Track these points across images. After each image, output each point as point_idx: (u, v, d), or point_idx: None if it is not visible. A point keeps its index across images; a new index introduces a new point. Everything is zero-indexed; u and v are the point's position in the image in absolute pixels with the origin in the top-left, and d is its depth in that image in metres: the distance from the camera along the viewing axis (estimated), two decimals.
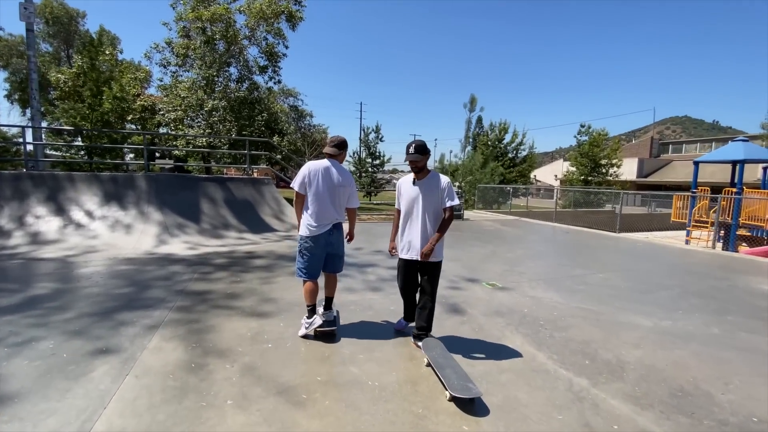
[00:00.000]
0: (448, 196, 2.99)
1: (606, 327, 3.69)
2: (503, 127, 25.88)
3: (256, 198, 8.83)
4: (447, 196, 2.99)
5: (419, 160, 2.98)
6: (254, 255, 6.25)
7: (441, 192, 3.00)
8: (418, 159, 2.98)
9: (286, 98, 33.12)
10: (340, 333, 3.36)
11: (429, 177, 3.07)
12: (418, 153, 2.97)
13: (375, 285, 4.79)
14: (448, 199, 2.99)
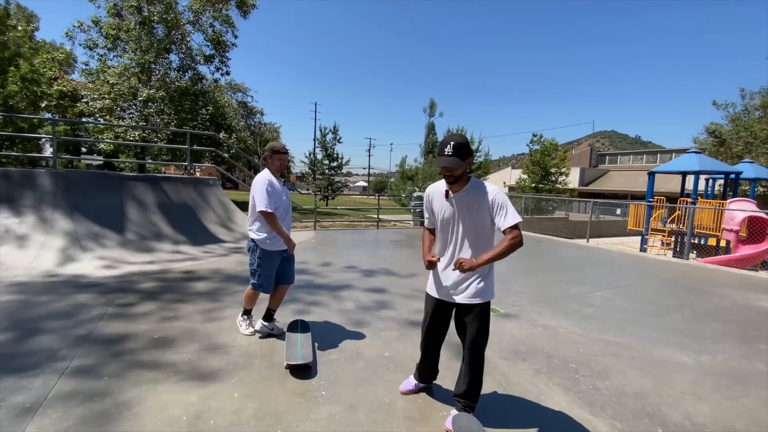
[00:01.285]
0: (505, 214, 2.03)
1: (647, 368, 3.02)
2: (460, 133, 25.90)
3: (197, 202, 7.41)
4: (502, 214, 2.03)
5: (457, 167, 1.98)
6: (195, 276, 4.97)
7: (490, 209, 2.04)
8: (456, 166, 1.97)
9: (234, 93, 30.90)
10: (326, 403, 2.34)
11: (468, 189, 2.08)
12: (457, 156, 1.96)
13: (356, 317, 3.80)
14: (505, 217, 2.02)
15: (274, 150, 3.00)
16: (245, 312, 3.30)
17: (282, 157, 3.01)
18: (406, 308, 4.13)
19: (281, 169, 3.06)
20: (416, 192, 12.62)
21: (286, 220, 3.13)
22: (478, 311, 2.14)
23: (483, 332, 2.16)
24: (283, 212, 3.06)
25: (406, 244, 8.32)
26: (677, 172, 11.67)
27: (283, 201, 3.03)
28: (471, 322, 2.15)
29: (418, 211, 11.42)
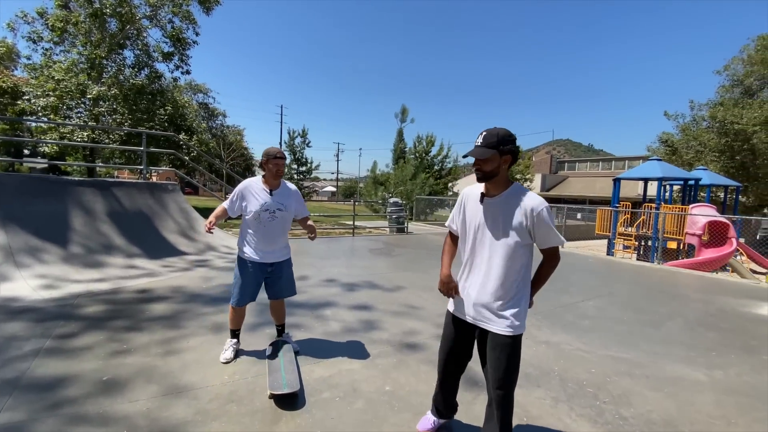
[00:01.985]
0: (548, 232, 1.72)
1: (666, 389, 2.81)
2: (430, 139, 25.99)
3: (155, 209, 6.66)
4: (545, 231, 1.72)
5: (487, 158, 1.69)
6: (152, 295, 4.32)
7: (529, 224, 1.71)
8: (484, 157, 1.69)
9: (195, 94, 29.43)
10: None
11: (507, 195, 1.76)
12: (488, 146, 1.68)
13: (345, 342, 3.36)
14: (549, 235, 1.73)
15: (269, 155, 2.83)
16: (230, 335, 3.04)
17: (277, 162, 2.83)
18: (398, 328, 3.74)
19: (278, 175, 2.86)
20: (391, 198, 12.28)
21: (267, 233, 2.85)
22: (508, 344, 1.77)
23: (512, 371, 1.79)
24: (260, 224, 2.82)
25: (384, 253, 7.94)
26: (642, 179, 12.10)
27: (260, 210, 2.80)
28: (498, 357, 1.78)
29: (393, 218, 11.09)
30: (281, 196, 2.89)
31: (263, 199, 2.81)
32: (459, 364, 2.04)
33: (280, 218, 2.88)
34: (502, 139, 1.68)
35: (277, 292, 3.01)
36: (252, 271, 2.85)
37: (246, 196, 2.82)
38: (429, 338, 3.51)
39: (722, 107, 18.31)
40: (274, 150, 2.86)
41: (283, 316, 3.17)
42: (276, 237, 2.89)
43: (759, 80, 19.68)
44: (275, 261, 2.92)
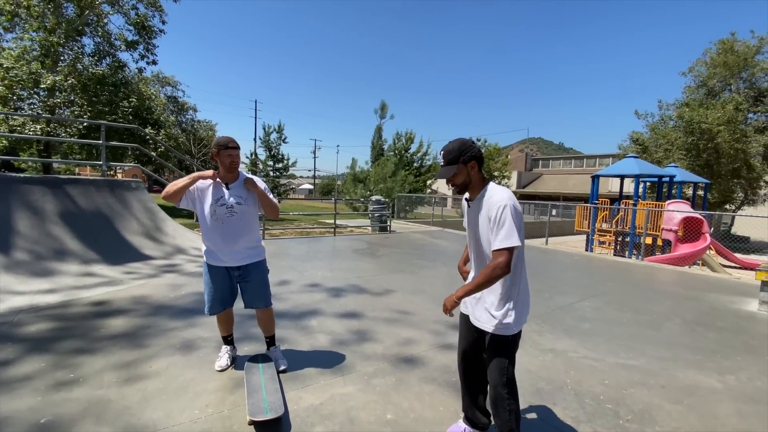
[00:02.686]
0: (498, 231, 1.66)
1: (685, 400, 2.61)
2: (409, 136, 25.77)
3: (116, 209, 6.03)
4: (495, 231, 1.67)
5: (454, 174, 1.75)
6: (109, 309, 3.80)
7: (490, 222, 1.70)
8: (451, 173, 1.75)
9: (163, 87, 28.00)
10: None
11: (480, 196, 1.79)
12: (449, 163, 1.75)
13: (334, 358, 2.99)
14: (497, 235, 1.66)
15: (220, 145, 2.47)
16: (223, 341, 2.85)
17: (231, 153, 2.47)
18: (392, 338, 3.40)
19: (232, 168, 2.50)
20: (374, 196, 11.92)
21: (226, 232, 2.51)
22: (495, 343, 1.79)
23: (501, 371, 1.76)
24: (216, 221, 2.50)
25: (369, 253, 7.59)
26: (619, 175, 12.28)
27: (215, 204, 2.48)
28: (488, 357, 1.82)
29: (376, 216, 10.74)
30: (238, 189, 2.55)
31: (218, 193, 2.49)
32: (476, 365, 1.99)
33: (241, 214, 2.53)
34: (459, 151, 1.73)
35: (247, 300, 2.69)
36: (217, 275, 2.58)
37: (201, 191, 2.50)
38: (428, 349, 3.20)
39: (688, 107, 18.98)
40: (225, 139, 2.48)
41: (270, 326, 2.83)
42: (237, 236, 2.54)
43: (721, 82, 20.55)
44: (241, 264, 2.59)
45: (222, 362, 2.67)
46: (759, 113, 18.78)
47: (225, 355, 2.72)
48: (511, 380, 1.77)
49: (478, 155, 1.75)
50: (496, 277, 1.64)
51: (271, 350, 2.80)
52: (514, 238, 1.61)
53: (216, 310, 2.61)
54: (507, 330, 1.75)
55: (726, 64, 19.08)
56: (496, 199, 1.68)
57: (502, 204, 1.64)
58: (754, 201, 20.24)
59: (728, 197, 20.45)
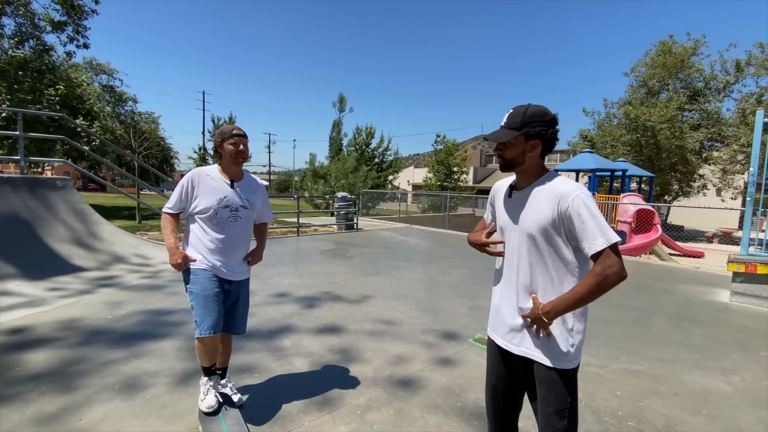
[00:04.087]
0: (588, 229, 1.23)
1: (702, 408, 2.44)
2: (369, 131, 25.32)
3: (37, 212, 5.08)
4: (583, 230, 1.24)
5: (505, 143, 1.36)
6: (29, 339, 3.05)
7: (558, 220, 1.28)
8: (505, 139, 1.35)
9: (97, 75, 25.38)
10: None
11: (535, 185, 1.37)
12: (509, 127, 1.34)
13: (317, 388, 2.51)
14: (589, 234, 1.22)
15: (223, 133, 2.08)
16: (204, 372, 2.16)
17: (235, 141, 2.06)
18: (381, 356, 2.99)
19: (238, 159, 2.09)
20: (339, 192, 11.37)
21: (226, 240, 2.08)
22: (552, 379, 1.34)
23: (563, 414, 1.33)
24: (216, 226, 2.06)
25: (338, 254, 7.09)
26: (576, 170, 12.66)
27: (218, 206, 2.04)
28: (543, 396, 1.37)
29: (342, 214, 10.22)
30: (246, 190, 2.14)
31: (222, 192, 2.06)
32: (509, 403, 1.58)
33: (244, 219, 2.14)
34: (529, 118, 1.33)
35: (228, 322, 2.16)
36: (214, 282, 2.05)
37: (200, 184, 2.05)
38: (423, 367, 2.82)
39: (631, 106, 20.16)
40: (229, 127, 2.10)
41: (228, 356, 2.30)
42: (237, 245, 2.14)
43: (659, 82, 22.04)
44: (234, 279, 2.13)
45: (210, 401, 2.07)
46: (693, 111, 20.32)
47: (211, 391, 2.11)
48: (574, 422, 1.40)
49: (547, 135, 1.34)
50: (610, 286, 1.22)
51: (223, 383, 2.25)
52: (611, 232, 1.23)
53: (216, 327, 2.01)
54: (574, 360, 1.35)
55: (665, 65, 20.44)
56: (566, 188, 1.29)
57: (581, 193, 1.26)
58: (689, 192, 21.98)
59: (666, 189, 22.07)
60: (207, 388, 2.11)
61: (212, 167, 2.15)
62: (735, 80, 19.92)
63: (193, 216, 2.07)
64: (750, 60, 19.14)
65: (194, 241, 2.07)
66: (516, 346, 1.44)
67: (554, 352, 1.35)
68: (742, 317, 4.31)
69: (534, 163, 1.38)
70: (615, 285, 1.23)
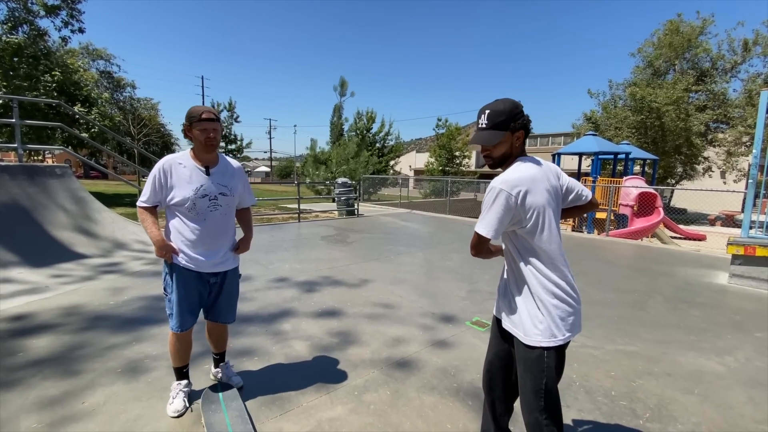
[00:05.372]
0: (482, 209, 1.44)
1: (695, 389, 2.48)
2: (370, 115, 25.04)
3: (37, 200, 5.10)
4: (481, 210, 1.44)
5: (493, 145, 1.42)
6: (32, 325, 3.10)
7: None
8: (491, 143, 1.41)
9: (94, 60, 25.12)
10: None
11: None
12: (495, 127, 1.39)
13: (316, 371, 2.56)
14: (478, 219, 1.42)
15: (192, 116, 1.92)
16: (176, 375, 2.15)
17: (207, 126, 1.91)
18: (379, 338, 3.03)
19: (210, 146, 1.95)
20: (339, 178, 11.34)
21: (207, 231, 1.99)
22: (529, 358, 1.43)
23: (539, 394, 1.42)
24: (196, 217, 1.97)
25: (339, 240, 7.12)
26: (579, 153, 12.55)
27: (195, 196, 1.94)
28: (521, 374, 1.47)
29: (343, 199, 10.22)
30: (222, 176, 2.03)
31: (198, 181, 1.95)
32: (503, 378, 1.67)
33: (225, 207, 2.03)
34: (511, 114, 1.39)
35: (215, 313, 2.16)
36: (191, 281, 2.00)
37: (173, 174, 1.92)
38: (420, 349, 2.86)
39: (637, 87, 19.81)
40: (199, 109, 1.93)
41: (224, 341, 2.31)
42: (220, 235, 2.05)
43: (666, 62, 21.59)
44: (220, 270, 2.07)
45: (177, 405, 2.04)
46: (700, 92, 19.96)
47: (180, 395, 2.07)
48: (551, 402, 1.44)
49: (527, 124, 1.41)
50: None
51: (221, 367, 2.31)
52: (479, 226, 1.38)
53: (188, 324, 2.01)
54: (538, 336, 1.41)
55: (671, 45, 19.99)
56: (496, 178, 1.39)
57: (501, 183, 1.36)
58: (692, 175, 21.80)
59: (669, 172, 21.89)
60: (177, 392, 2.08)
61: (184, 153, 2.01)
62: (742, 60, 19.50)
63: (170, 208, 1.97)
64: (757, 39, 18.69)
65: (174, 234, 1.98)
66: (505, 320, 1.54)
67: (527, 327, 1.42)
68: (739, 299, 4.33)
69: (520, 152, 1.46)
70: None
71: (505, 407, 1.70)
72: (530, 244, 1.41)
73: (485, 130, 1.41)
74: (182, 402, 2.05)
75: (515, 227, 1.41)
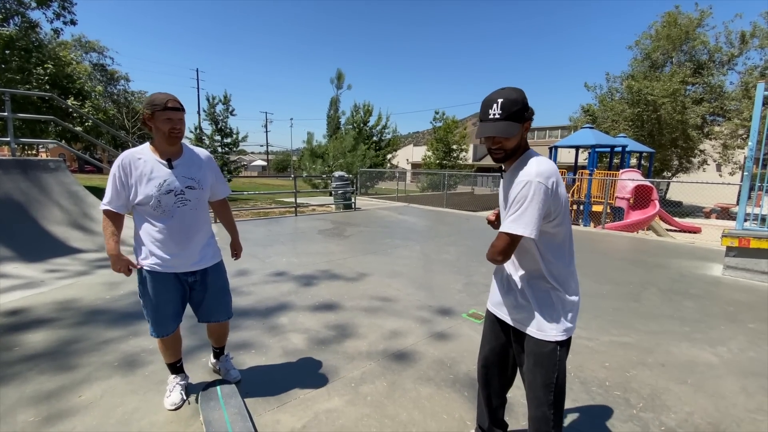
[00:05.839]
0: (512, 212, 1.32)
1: (688, 379, 2.51)
2: (367, 108, 24.92)
3: (30, 194, 5.06)
4: (511, 211, 1.33)
5: (509, 137, 1.32)
6: (27, 319, 3.09)
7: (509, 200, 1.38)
8: (508, 135, 1.31)
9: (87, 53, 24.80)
10: None
11: (514, 166, 1.40)
12: (512, 118, 1.29)
13: (314, 362, 2.58)
14: (509, 216, 1.32)
15: (155, 104, 1.75)
16: (170, 370, 2.15)
17: (171, 116, 1.77)
18: (376, 331, 3.04)
19: (174, 138, 1.80)
20: (336, 171, 11.31)
21: (176, 228, 1.87)
22: (541, 353, 1.41)
23: (549, 388, 1.40)
24: (162, 214, 1.84)
25: (336, 233, 7.12)
26: (576, 146, 12.56)
27: (158, 192, 1.80)
28: (531, 369, 1.45)
29: (339, 193, 10.20)
30: (188, 168, 1.89)
31: (160, 176, 1.81)
32: (500, 372, 1.68)
33: (194, 201, 1.90)
34: (524, 104, 1.31)
35: (205, 313, 2.09)
36: (167, 284, 1.92)
37: (132, 171, 1.78)
38: (417, 342, 2.88)
39: (634, 80, 19.77)
40: (163, 97, 1.76)
41: (224, 337, 2.29)
42: (190, 233, 1.91)
43: (663, 54, 21.55)
44: (197, 268, 1.97)
45: (174, 398, 2.03)
46: (697, 85, 19.96)
47: (176, 388, 2.07)
48: (560, 396, 1.44)
49: (531, 114, 1.34)
50: (489, 259, 1.36)
51: (221, 359, 2.30)
52: (525, 224, 1.26)
53: (170, 330, 1.96)
54: (560, 332, 1.40)
55: (669, 37, 19.93)
56: (530, 170, 1.30)
57: (534, 179, 1.27)
58: (688, 168, 21.87)
59: (666, 165, 21.95)
60: (173, 386, 2.07)
61: (143, 147, 1.85)
62: (739, 53, 19.47)
63: (135, 208, 1.84)
64: (755, 32, 18.65)
65: (143, 236, 1.86)
66: (508, 317, 1.52)
67: (542, 323, 1.39)
68: (732, 290, 4.37)
69: (525, 144, 1.39)
70: (490, 260, 1.37)
71: (500, 401, 1.71)
72: (551, 239, 1.37)
73: (500, 120, 1.30)
74: (179, 395, 2.04)
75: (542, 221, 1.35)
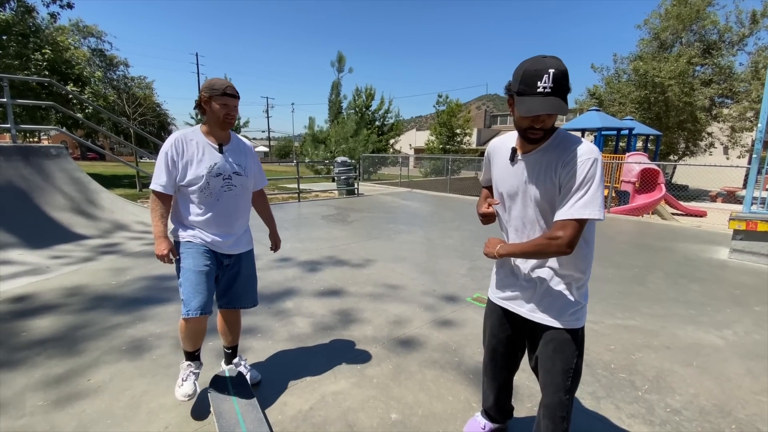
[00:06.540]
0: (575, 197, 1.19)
1: (694, 362, 2.51)
2: (369, 92, 24.57)
3: (33, 181, 5.05)
4: (574, 195, 1.19)
5: (564, 114, 1.15)
6: (34, 306, 3.12)
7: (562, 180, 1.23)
8: (564, 110, 1.13)
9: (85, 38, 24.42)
10: None
11: (547, 146, 1.27)
12: (562, 92, 1.14)
13: (320, 347, 2.59)
14: (573, 201, 1.19)
15: (214, 89, 1.77)
16: (186, 357, 1.99)
17: (228, 102, 1.79)
18: (381, 316, 3.05)
19: (227, 123, 1.84)
20: (339, 157, 11.23)
21: (221, 212, 1.89)
22: (561, 340, 1.34)
23: (567, 374, 1.34)
24: (209, 197, 1.85)
25: (339, 219, 7.11)
26: (582, 129, 12.37)
27: (209, 174, 1.81)
28: (549, 356, 1.37)
29: (342, 179, 10.15)
30: (236, 154, 1.92)
31: (211, 159, 1.82)
32: (507, 363, 1.63)
33: (239, 187, 1.92)
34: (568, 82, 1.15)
35: (232, 298, 2.04)
36: (208, 257, 1.87)
37: (185, 151, 1.79)
38: (422, 326, 2.88)
39: (641, 61, 19.33)
40: (220, 83, 1.78)
41: (237, 334, 2.17)
42: (235, 216, 1.94)
43: (672, 34, 21.01)
44: (233, 252, 1.97)
45: (187, 388, 1.88)
46: (706, 66, 19.51)
47: (190, 377, 1.92)
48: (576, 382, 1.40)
49: None
50: (550, 252, 1.23)
51: (234, 364, 2.15)
52: (593, 209, 1.16)
53: (204, 308, 1.82)
54: (581, 320, 1.36)
55: (679, 17, 19.39)
56: (584, 148, 1.19)
57: (592, 157, 1.17)
58: (694, 152, 21.58)
59: (672, 148, 21.66)
60: (187, 374, 1.92)
61: (195, 129, 1.87)
62: (749, 32, 18.94)
63: (180, 189, 1.84)
64: (766, 11, 18.10)
65: (185, 216, 1.86)
66: (524, 309, 1.43)
67: (563, 313, 1.34)
68: (739, 274, 4.34)
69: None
70: (554, 255, 1.26)
71: (507, 391, 1.70)
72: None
73: (552, 95, 1.13)
74: (192, 385, 1.90)
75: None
